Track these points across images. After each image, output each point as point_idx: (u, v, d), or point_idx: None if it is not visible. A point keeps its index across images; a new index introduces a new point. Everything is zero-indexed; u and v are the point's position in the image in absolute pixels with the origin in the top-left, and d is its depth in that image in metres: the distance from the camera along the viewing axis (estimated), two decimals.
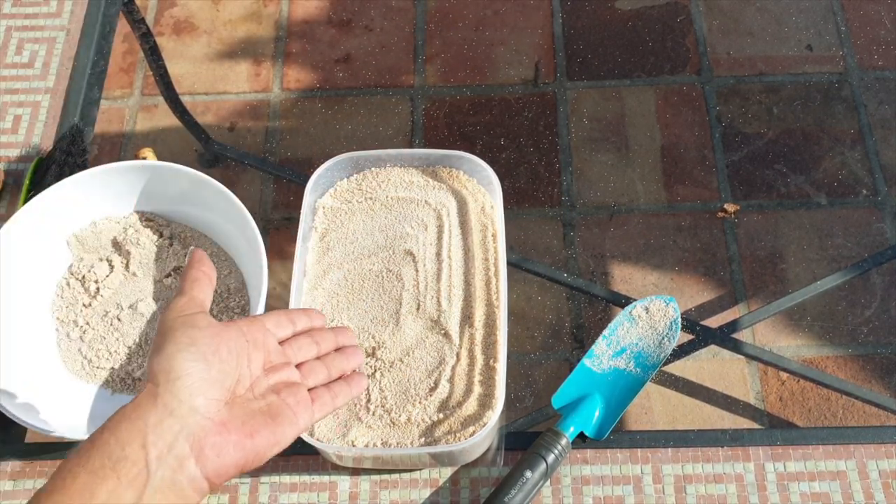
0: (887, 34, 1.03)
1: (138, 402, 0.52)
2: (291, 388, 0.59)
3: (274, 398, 0.58)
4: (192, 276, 0.61)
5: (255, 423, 0.55)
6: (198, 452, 0.52)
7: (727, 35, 1.04)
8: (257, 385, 0.58)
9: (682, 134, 0.98)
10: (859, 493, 0.74)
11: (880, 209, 0.93)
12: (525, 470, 0.71)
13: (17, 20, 1.03)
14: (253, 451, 0.54)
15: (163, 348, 0.54)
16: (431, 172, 0.83)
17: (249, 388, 0.57)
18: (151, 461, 0.50)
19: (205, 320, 0.57)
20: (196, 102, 1.00)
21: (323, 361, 0.65)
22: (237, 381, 0.56)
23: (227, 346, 0.56)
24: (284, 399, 0.58)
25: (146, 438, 0.51)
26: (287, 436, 0.57)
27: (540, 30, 1.05)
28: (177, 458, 0.51)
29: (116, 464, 0.50)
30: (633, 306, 0.81)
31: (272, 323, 0.62)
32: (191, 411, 0.52)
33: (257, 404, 0.57)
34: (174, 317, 0.57)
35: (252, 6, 1.08)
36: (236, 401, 0.56)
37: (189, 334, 0.55)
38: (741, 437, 0.77)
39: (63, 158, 0.91)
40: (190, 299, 0.58)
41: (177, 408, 0.52)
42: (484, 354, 0.74)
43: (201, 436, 0.52)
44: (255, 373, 0.58)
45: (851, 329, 0.86)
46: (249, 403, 0.56)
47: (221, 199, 0.79)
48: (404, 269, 0.78)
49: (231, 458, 0.53)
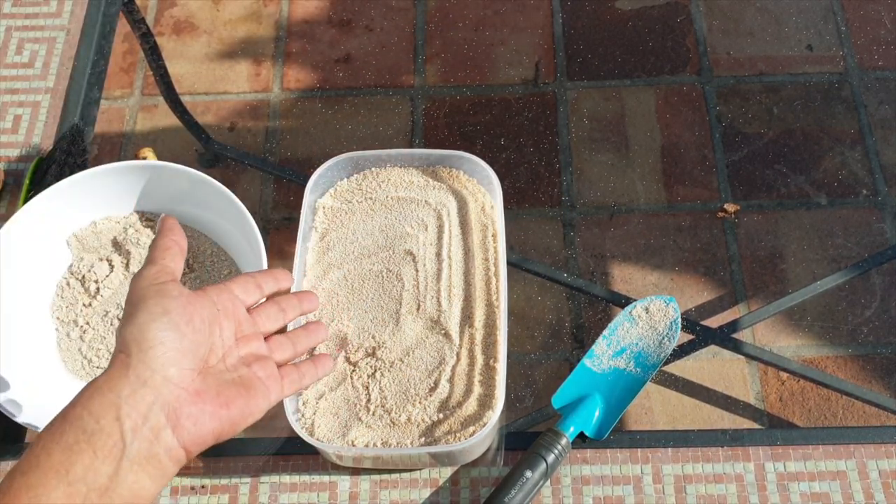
0: (887, 34, 1.03)
1: (110, 374, 0.51)
2: (262, 362, 0.59)
3: (245, 370, 0.58)
4: (162, 245, 0.60)
5: (230, 393, 0.55)
6: (174, 422, 0.51)
7: (727, 35, 1.04)
8: (229, 355, 0.58)
9: (682, 134, 0.98)
10: (859, 493, 0.74)
11: (880, 209, 0.93)
12: (525, 470, 0.71)
13: (17, 20, 1.03)
14: (228, 420, 0.54)
15: (134, 317, 0.53)
16: (431, 172, 0.83)
17: (221, 358, 0.57)
18: (127, 433, 0.50)
19: (176, 289, 0.56)
20: (196, 102, 1.00)
21: (289, 338, 0.65)
22: (210, 351, 0.56)
23: (200, 315, 0.55)
24: (256, 372, 0.58)
25: (120, 410, 0.50)
26: (260, 407, 0.57)
27: (540, 30, 1.05)
28: (152, 429, 0.50)
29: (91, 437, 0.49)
30: (633, 306, 0.81)
31: (240, 289, 0.61)
32: (165, 381, 0.51)
33: (230, 375, 0.56)
34: (145, 285, 0.56)
35: (252, 6, 1.08)
36: (209, 371, 0.55)
37: (161, 303, 0.54)
38: (741, 437, 0.77)
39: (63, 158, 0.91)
40: (161, 268, 0.58)
41: (150, 378, 0.51)
42: (484, 354, 0.74)
43: (177, 406, 0.52)
44: (227, 343, 0.58)
45: (851, 329, 0.86)
46: (222, 374, 0.56)
47: (221, 199, 0.79)
48: (404, 269, 0.78)
49: (208, 427, 0.53)
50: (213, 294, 0.58)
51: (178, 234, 0.61)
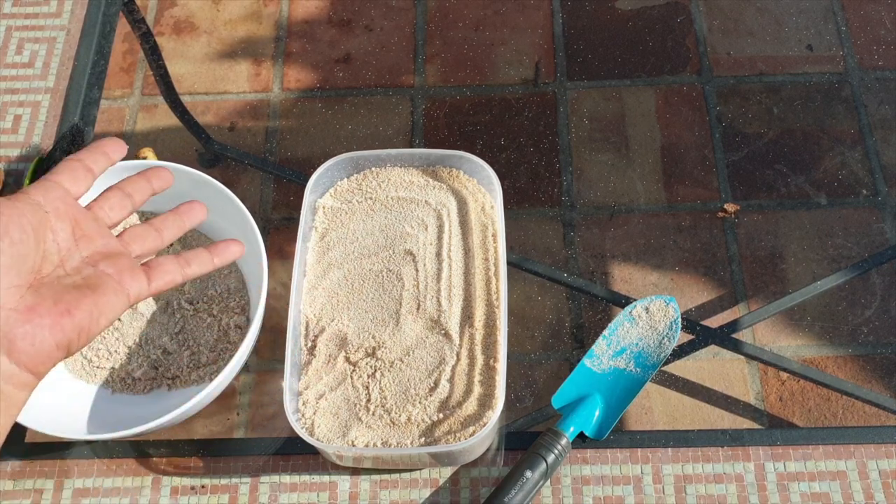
0: (887, 34, 1.03)
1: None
2: (112, 259, 0.53)
3: (90, 270, 0.52)
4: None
5: (71, 298, 0.49)
6: (8, 347, 0.46)
7: (727, 35, 1.04)
8: (68, 259, 0.52)
9: (682, 134, 0.98)
10: (859, 493, 0.74)
11: (880, 209, 0.93)
12: (525, 470, 0.71)
13: (17, 20, 1.03)
14: (75, 328, 0.49)
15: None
16: (431, 172, 0.83)
17: (59, 264, 0.51)
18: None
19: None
20: (196, 102, 1.00)
21: (152, 225, 0.58)
22: (43, 259, 0.50)
23: (19, 223, 0.49)
24: (104, 269, 0.52)
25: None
26: (112, 306, 0.51)
27: (540, 30, 1.05)
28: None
29: None
30: (633, 306, 0.81)
31: (68, 180, 0.54)
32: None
33: (71, 280, 0.51)
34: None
35: (252, 6, 1.08)
36: (43, 281, 0.50)
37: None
38: (741, 437, 0.77)
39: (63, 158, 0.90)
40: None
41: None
42: (484, 354, 0.74)
43: (7, 329, 0.46)
44: (64, 245, 0.52)
45: (851, 329, 0.86)
46: (61, 280, 0.50)
47: (221, 199, 0.79)
48: (404, 269, 0.78)
49: (50, 343, 0.48)
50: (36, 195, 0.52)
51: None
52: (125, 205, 0.57)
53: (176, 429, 0.79)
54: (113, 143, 0.58)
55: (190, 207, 0.60)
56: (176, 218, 0.59)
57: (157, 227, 0.58)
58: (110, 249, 0.54)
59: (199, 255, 0.58)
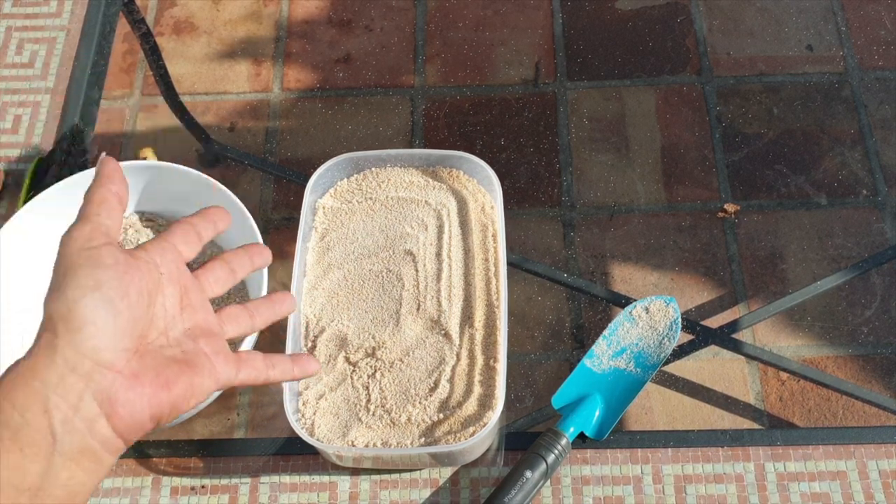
0: (887, 34, 1.03)
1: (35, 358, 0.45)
2: (210, 338, 0.52)
3: (190, 345, 0.50)
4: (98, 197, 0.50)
5: (171, 372, 0.48)
6: (109, 411, 0.45)
7: (727, 35, 1.04)
8: (172, 327, 0.50)
9: (682, 134, 0.98)
10: (859, 493, 0.74)
11: (880, 209, 0.93)
12: (525, 470, 0.71)
13: (17, 20, 1.03)
14: (169, 403, 0.48)
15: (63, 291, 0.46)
16: (431, 172, 0.83)
17: (163, 331, 0.50)
18: (56, 426, 0.44)
19: (111, 255, 0.48)
20: (196, 102, 1.00)
21: (246, 308, 0.56)
22: (149, 324, 0.49)
23: (138, 286, 0.48)
24: (202, 348, 0.51)
25: (48, 402, 0.44)
26: (205, 387, 0.50)
27: (540, 30, 1.05)
28: (85, 420, 0.45)
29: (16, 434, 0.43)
30: (633, 306, 0.81)
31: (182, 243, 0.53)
32: (96, 367, 0.45)
33: (171, 351, 0.49)
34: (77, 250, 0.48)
35: (252, 6, 1.08)
36: (148, 348, 0.48)
37: (94, 275, 0.46)
38: (741, 437, 0.77)
39: (63, 158, 0.91)
40: (95, 227, 0.49)
41: (80, 363, 0.45)
42: (484, 354, 0.74)
43: (111, 392, 0.45)
44: (170, 312, 0.50)
45: (851, 329, 0.86)
46: (163, 350, 0.49)
47: (221, 199, 0.79)
48: (404, 269, 0.78)
49: (147, 414, 0.47)
50: (154, 254, 0.50)
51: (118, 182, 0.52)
52: (227, 280, 0.56)
53: (176, 429, 0.79)
54: (220, 212, 0.57)
55: (283, 297, 0.59)
56: (269, 304, 0.58)
57: (251, 311, 0.57)
58: (210, 326, 0.53)
59: (282, 362, 0.57)
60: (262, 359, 0.55)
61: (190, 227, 0.54)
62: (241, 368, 0.53)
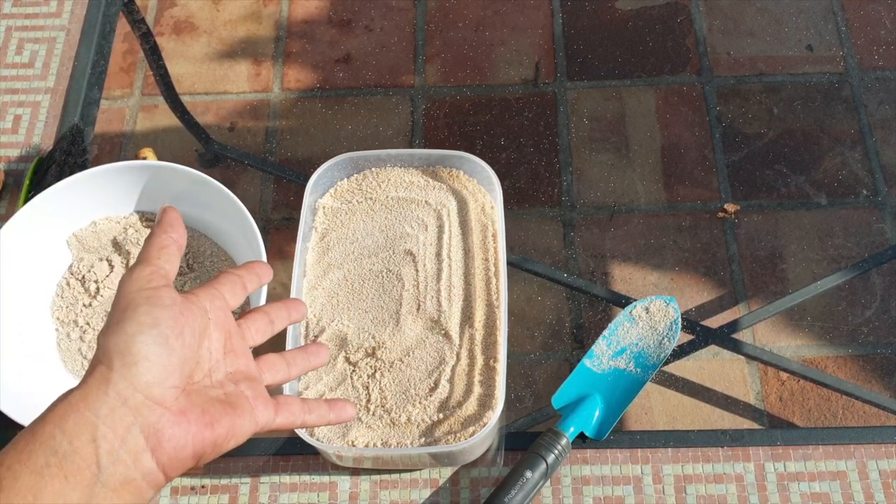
0: (887, 34, 1.03)
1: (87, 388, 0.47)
2: (250, 382, 0.54)
3: (232, 388, 0.53)
4: (159, 243, 0.54)
5: (215, 412, 0.50)
6: (154, 445, 0.47)
7: (727, 35, 1.04)
8: (216, 370, 0.53)
9: (682, 134, 0.98)
10: (859, 493, 0.74)
11: (880, 209, 0.93)
12: (525, 470, 0.71)
13: (17, 20, 1.03)
14: (212, 442, 0.50)
15: (122, 326, 0.48)
16: (431, 172, 0.83)
17: (207, 373, 0.52)
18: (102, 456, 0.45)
19: (170, 297, 0.50)
20: (196, 102, 1.00)
21: (284, 358, 0.59)
22: (196, 365, 0.51)
23: (191, 326, 0.50)
24: (243, 391, 0.53)
25: (97, 431, 0.45)
26: (245, 430, 0.52)
27: (540, 30, 1.05)
28: (130, 453, 0.46)
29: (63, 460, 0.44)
30: (633, 306, 0.81)
31: (229, 292, 0.56)
32: (146, 401, 0.47)
33: (215, 392, 0.52)
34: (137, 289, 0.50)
35: (252, 6, 1.08)
36: (194, 387, 0.51)
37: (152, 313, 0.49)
38: (741, 437, 0.77)
39: (63, 158, 0.91)
40: (155, 270, 0.52)
41: (131, 397, 0.46)
42: (484, 354, 0.74)
43: (158, 427, 0.47)
44: (215, 356, 0.53)
45: (851, 329, 0.86)
46: (208, 391, 0.51)
47: (221, 199, 0.79)
48: (404, 269, 0.78)
49: (190, 451, 0.48)
50: (204, 300, 0.53)
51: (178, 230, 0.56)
52: (267, 330, 0.59)
53: None
54: (263, 267, 0.61)
55: (318, 350, 0.62)
56: (304, 355, 0.61)
57: (288, 360, 0.59)
58: (250, 371, 0.55)
59: (319, 407, 0.59)
60: (300, 403, 0.57)
61: (237, 278, 0.58)
62: (280, 412, 0.55)
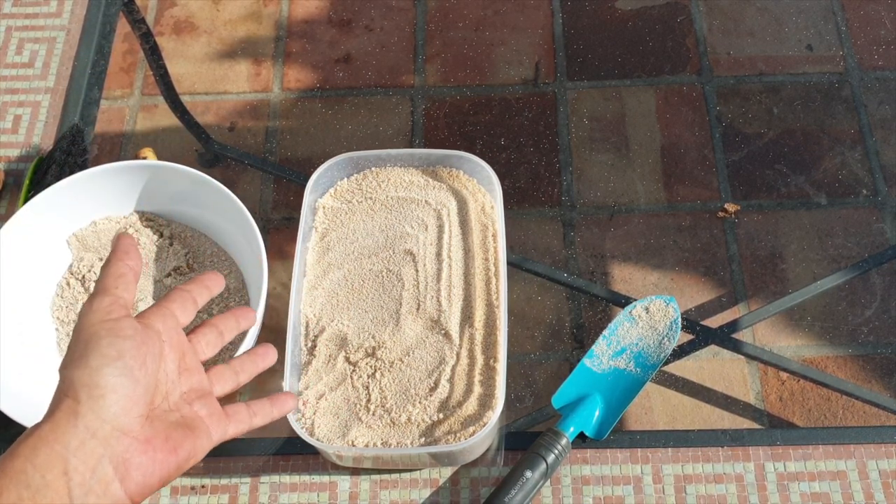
0: (887, 34, 1.03)
1: (56, 422, 0.47)
2: (204, 399, 0.56)
3: (188, 409, 0.54)
4: (115, 271, 0.54)
5: (177, 437, 0.51)
6: (123, 474, 0.48)
7: (727, 35, 1.04)
8: (172, 392, 0.54)
9: (682, 134, 0.98)
10: (859, 493, 0.74)
11: (880, 209, 0.93)
12: (525, 470, 0.71)
13: (17, 20, 1.03)
14: (175, 466, 0.51)
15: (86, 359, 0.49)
16: (431, 172, 0.83)
17: (165, 396, 0.53)
18: (74, 489, 0.46)
19: (131, 327, 0.51)
20: (196, 102, 1.00)
21: (231, 367, 0.60)
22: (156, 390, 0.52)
23: (152, 354, 0.51)
24: (198, 411, 0.54)
25: (67, 464, 0.46)
26: (203, 448, 0.54)
27: (540, 30, 1.05)
28: (101, 483, 0.47)
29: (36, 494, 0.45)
30: (633, 306, 0.81)
31: (179, 309, 0.56)
32: (114, 432, 0.48)
33: (174, 416, 0.53)
34: (98, 321, 0.51)
35: (252, 6, 1.08)
36: (155, 412, 0.52)
37: (116, 345, 0.49)
38: (741, 437, 0.77)
39: (63, 158, 0.91)
40: (114, 300, 0.52)
41: (100, 429, 0.47)
42: (484, 354, 0.74)
43: (126, 457, 0.48)
44: (171, 377, 0.54)
45: (851, 329, 0.86)
46: (167, 415, 0.52)
47: (221, 199, 0.79)
48: (404, 269, 0.78)
49: (157, 477, 0.50)
50: (157, 322, 0.53)
51: (133, 257, 0.55)
52: (217, 343, 0.60)
53: None
54: (213, 277, 0.61)
55: (265, 352, 0.63)
56: (252, 360, 0.62)
57: (236, 369, 0.60)
58: (203, 387, 0.56)
59: (262, 407, 0.61)
60: (246, 409, 0.59)
61: (187, 293, 0.58)
62: (230, 423, 0.57)
